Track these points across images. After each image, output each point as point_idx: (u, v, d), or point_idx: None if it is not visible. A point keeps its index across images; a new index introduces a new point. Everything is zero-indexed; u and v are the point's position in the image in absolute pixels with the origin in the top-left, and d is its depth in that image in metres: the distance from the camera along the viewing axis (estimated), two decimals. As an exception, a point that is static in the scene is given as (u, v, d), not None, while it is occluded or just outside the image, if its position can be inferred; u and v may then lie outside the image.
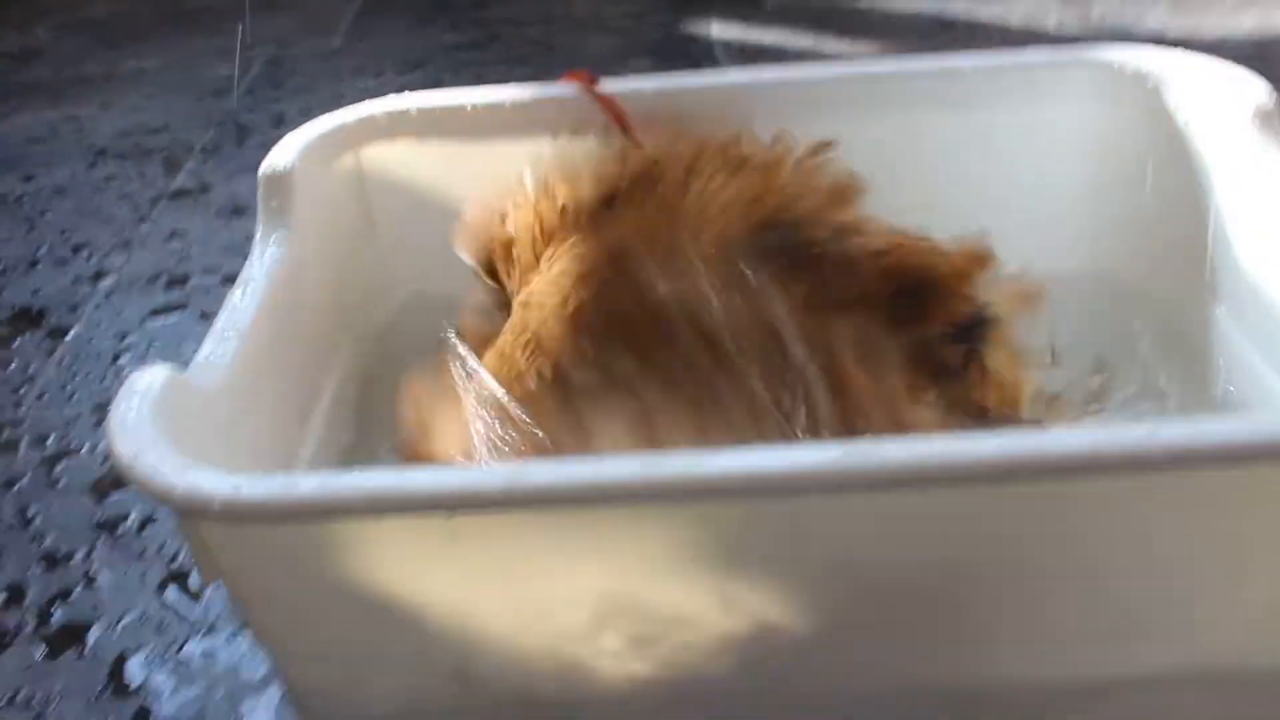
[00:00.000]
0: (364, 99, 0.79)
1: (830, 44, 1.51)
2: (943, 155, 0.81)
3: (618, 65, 1.50)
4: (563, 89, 0.78)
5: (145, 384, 0.54)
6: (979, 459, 0.46)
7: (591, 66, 0.81)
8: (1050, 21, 1.49)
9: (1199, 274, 0.74)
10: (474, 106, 0.79)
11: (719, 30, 1.60)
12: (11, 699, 0.70)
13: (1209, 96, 0.73)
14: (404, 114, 0.80)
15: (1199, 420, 0.47)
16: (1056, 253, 0.77)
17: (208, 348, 0.61)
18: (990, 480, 0.47)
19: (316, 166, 0.75)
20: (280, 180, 0.73)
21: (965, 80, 0.80)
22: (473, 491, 0.46)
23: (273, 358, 0.65)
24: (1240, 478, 0.48)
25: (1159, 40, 1.13)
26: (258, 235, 0.71)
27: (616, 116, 0.76)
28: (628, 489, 0.46)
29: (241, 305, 0.65)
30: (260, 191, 0.73)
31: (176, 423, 0.52)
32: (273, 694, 0.68)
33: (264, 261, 0.69)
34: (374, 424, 0.73)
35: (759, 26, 1.60)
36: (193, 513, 0.49)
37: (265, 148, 0.73)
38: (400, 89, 0.79)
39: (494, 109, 0.79)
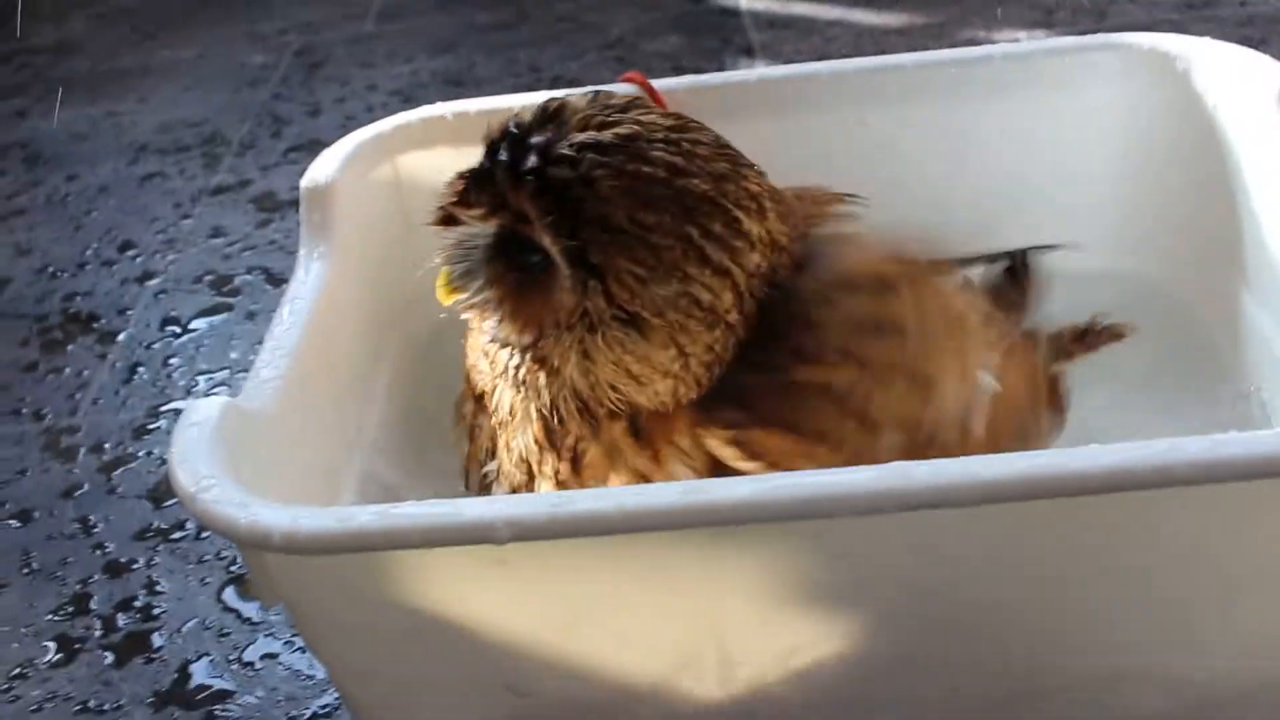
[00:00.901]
0: (397, 86, 0.80)
1: (859, 15, 1.51)
2: (970, 144, 0.82)
3: (649, 39, 1.50)
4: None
5: (202, 414, 0.56)
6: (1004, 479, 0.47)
7: (622, 41, 0.81)
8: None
9: (1227, 261, 0.75)
10: (508, 110, 0.80)
11: (748, 1, 1.60)
12: (84, 706, 0.73)
13: (1236, 82, 0.74)
14: (439, 120, 0.81)
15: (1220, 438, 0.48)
16: (1083, 240, 0.77)
17: (259, 369, 0.63)
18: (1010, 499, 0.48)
19: (356, 178, 0.77)
20: (322, 194, 0.74)
21: (992, 68, 0.81)
22: (521, 522, 0.48)
23: (321, 376, 0.67)
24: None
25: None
26: (301, 251, 0.73)
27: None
28: (669, 517, 0.47)
29: (289, 323, 0.67)
30: (302, 206, 0.74)
31: (233, 450, 0.54)
32: (332, 696, 0.70)
33: (309, 277, 0.70)
34: (423, 432, 0.75)
35: (788, -2, 1.60)
36: (254, 545, 0.51)
37: (301, 139, 0.74)
38: (433, 74, 0.80)
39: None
